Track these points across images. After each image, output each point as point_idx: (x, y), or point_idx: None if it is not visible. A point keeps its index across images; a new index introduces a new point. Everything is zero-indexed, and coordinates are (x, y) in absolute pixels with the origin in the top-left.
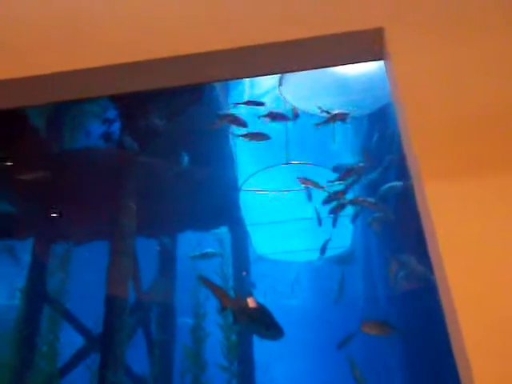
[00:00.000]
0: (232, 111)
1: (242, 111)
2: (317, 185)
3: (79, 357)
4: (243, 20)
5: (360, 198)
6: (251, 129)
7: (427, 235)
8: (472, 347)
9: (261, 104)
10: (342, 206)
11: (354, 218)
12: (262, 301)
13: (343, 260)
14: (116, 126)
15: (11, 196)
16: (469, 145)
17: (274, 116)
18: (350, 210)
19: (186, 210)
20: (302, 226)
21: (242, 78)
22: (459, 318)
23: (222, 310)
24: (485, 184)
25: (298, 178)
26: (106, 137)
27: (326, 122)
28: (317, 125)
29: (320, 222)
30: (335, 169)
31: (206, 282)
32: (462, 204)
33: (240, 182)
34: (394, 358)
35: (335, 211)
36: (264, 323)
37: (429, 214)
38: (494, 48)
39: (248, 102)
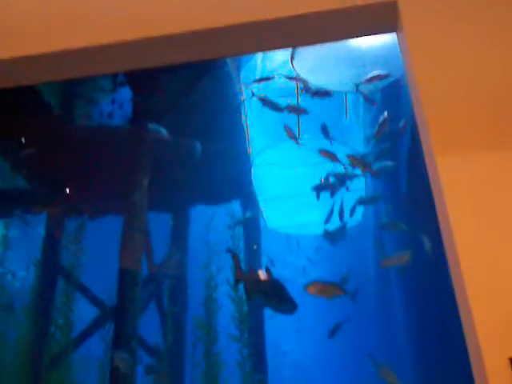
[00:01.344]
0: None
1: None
2: (335, 157)
3: (93, 328)
4: None
5: (352, 157)
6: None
7: (438, 208)
8: (481, 321)
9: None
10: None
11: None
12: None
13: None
14: (126, 100)
15: (25, 172)
16: (481, 118)
17: (315, 92)
18: (361, 184)
19: (198, 185)
20: (313, 200)
21: (254, 53)
22: (468, 290)
23: (236, 283)
24: (497, 158)
25: (319, 150)
26: (116, 115)
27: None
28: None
29: (328, 220)
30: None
31: (234, 255)
32: (473, 177)
33: (252, 156)
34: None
35: (334, 187)
36: (278, 297)
37: (440, 188)
38: (508, 22)
39: (292, 78)
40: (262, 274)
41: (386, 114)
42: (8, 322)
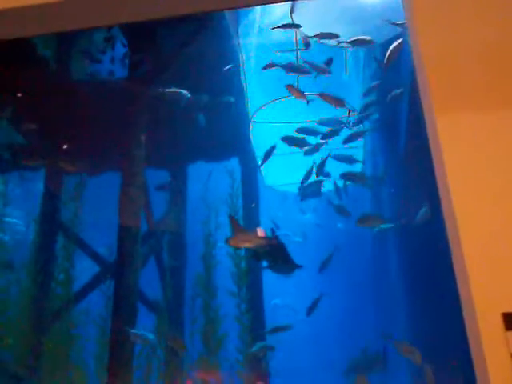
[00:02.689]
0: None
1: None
2: (302, 95)
3: (94, 283)
4: None
5: (324, 95)
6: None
7: (436, 164)
8: (475, 277)
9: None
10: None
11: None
12: (270, 232)
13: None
14: (125, 56)
15: (23, 128)
16: (482, 76)
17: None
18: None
19: (196, 142)
20: (312, 157)
21: (253, 6)
22: (463, 247)
23: (238, 248)
24: (496, 116)
25: (286, 85)
26: (115, 70)
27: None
28: None
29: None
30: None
31: (233, 221)
32: (472, 134)
33: (251, 113)
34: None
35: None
36: (282, 259)
37: (439, 145)
38: None
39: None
40: (260, 232)
41: (399, 41)
42: (9, 279)
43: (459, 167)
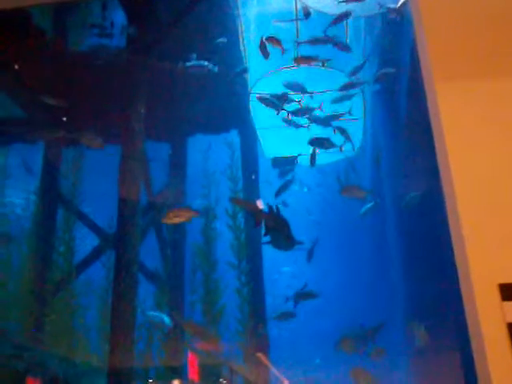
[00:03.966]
0: None
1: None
2: (278, 42)
3: (95, 254)
4: None
5: (299, 57)
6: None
7: (434, 132)
8: (472, 248)
9: None
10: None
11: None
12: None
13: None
14: (124, 27)
15: (21, 100)
16: (480, 46)
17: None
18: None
19: (196, 114)
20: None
21: None
22: (461, 219)
23: (257, 225)
24: (495, 85)
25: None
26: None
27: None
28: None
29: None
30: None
31: (237, 201)
32: (470, 102)
33: (250, 84)
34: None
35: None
36: (285, 234)
37: (437, 112)
38: None
39: None
40: (260, 204)
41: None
42: (11, 251)
43: (458, 136)
